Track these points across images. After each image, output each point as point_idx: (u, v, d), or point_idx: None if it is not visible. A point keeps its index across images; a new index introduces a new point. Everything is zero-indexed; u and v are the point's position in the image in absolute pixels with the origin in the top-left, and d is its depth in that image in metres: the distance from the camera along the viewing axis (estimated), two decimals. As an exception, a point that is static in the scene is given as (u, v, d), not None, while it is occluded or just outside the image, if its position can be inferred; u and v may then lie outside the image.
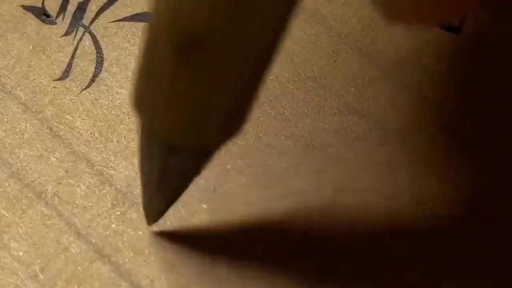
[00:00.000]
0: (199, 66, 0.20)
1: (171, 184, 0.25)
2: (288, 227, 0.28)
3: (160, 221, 0.27)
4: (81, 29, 0.32)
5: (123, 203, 0.28)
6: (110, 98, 0.30)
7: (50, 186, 0.29)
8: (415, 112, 0.30)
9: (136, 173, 0.29)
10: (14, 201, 0.28)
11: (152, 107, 0.22)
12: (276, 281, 0.27)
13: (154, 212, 0.27)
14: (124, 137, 0.29)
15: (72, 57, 0.31)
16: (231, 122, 0.22)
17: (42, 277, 0.27)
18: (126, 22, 0.32)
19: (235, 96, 0.21)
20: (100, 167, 0.29)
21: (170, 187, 0.25)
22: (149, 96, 0.22)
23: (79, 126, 0.30)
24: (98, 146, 0.29)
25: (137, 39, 0.31)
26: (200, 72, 0.20)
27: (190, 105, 0.21)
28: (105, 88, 0.30)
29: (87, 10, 0.32)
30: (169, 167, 0.24)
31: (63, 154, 0.29)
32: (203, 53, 0.20)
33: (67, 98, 0.30)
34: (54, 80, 0.31)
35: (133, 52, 0.31)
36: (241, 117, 0.23)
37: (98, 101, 0.30)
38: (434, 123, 0.30)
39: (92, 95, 0.30)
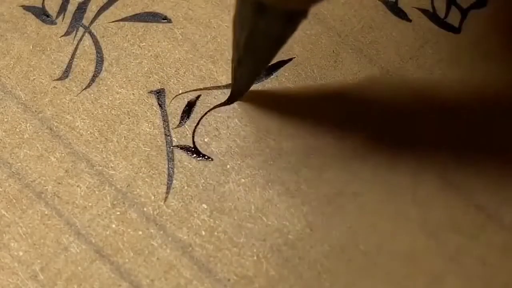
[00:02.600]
0: None
1: (258, 49, 0.26)
2: (288, 225, 0.28)
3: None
4: (81, 29, 0.32)
5: (123, 203, 0.28)
6: (110, 98, 0.30)
7: (50, 186, 0.28)
8: (415, 112, 0.30)
9: (136, 173, 0.29)
10: (14, 201, 0.28)
11: None
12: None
13: (241, 83, 0.28)
14: (124, 137, 0.29)
15: (72, 57, 0.31)
16: None
17: (42, 277, 0.27)
18: (126, 22, 0.32)
19: None
20: (100, 167, 0.29)
21: (257, 52, 0.26)
22: None
23: (79, 126, 0.30)
24: (98, 146, 0.29)
25: (137, 39, 0.31)
26: None
27: None
28: (105, 88, 0.30)
29: (87, 10, 0.32)
30: (257, 29, 0.25)
31: (63, 154, 0.29)
32: None
33: (67, 98, 0.30)
34: (54, 80, 0.31)
35: (133, 52, 0.31)
36: None
37: (98, 101, 0.30)
38: (434, 123, 0.30)
39: (92, 95, 0.30)
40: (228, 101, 0.30)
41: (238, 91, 0.29)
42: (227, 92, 0.30)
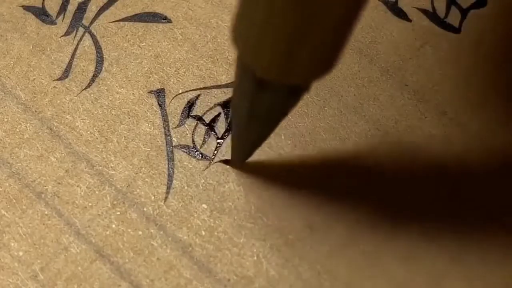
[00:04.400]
0: None
1: (259, 122, 0.26)
2: (288, 225, 0.28)
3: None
4: (81, 29, 0.32)
5: (123, 203, 0.28)
6: (110, 98, 0.30)
7: (50, 186, 0.29)
8: (415, 112, 0.30)
9: (136, 173, 0.29)
10: (14, 201, 0.28)
11: (246, 39, 0.22)
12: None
13: (241, 153, 0.28)
14: (124, 137, 0.29)
15: (72, 57, 0.31)
16: (320, 60, 0.22)
17: (42, 277, 0.27)
18: (126, 22, 0.32)
19: (328, 32, 0.21)
20: (100, 167, 0.29)
21: (257, 125, 0.26)
22: (244, 28, 0.22)
23: (79, 126, 0.30)
24: (98, 146, 0.29)
25: (137, 39, 0.31)
26: (293, 1, 0.20)
27: (281, 38, 0.21)
28: (105, 88, 0.30)
29: (87, 10, 0.32)
30: (258, 103, 0.24)
31: (63, 154, 0.29)
32: None
33: (67, 98, 0.30)
34: (54, 80, 0.31)
35: (133, 52, 0.31)
36: (332, 56, 0.22)
37: (98, 101, 0.30)
38: (434, 123, 0.30)
39: (92, 95, 0.30)
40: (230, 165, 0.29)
41: (239, 161, 0.29)
42: (227, 92, 0.30)
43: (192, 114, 0.30)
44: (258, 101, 0.24)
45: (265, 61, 0.22)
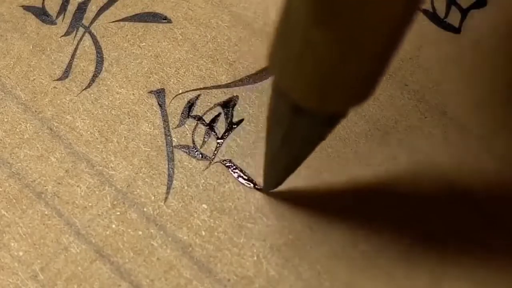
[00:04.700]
0: (332, 25, 0.20)
1: (293, 148, 0.25)
2: (288, 225, 0.28)
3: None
4: (81, 29, 0.32)
5: (123, 203, 0.28)
6: (110, 98, 0.30)
7: (50, 186, 0.29)
8: (415, 112, 0.30)
9: (136, 173, 0.29)
10: (14, 201, 0.28)
11: (283, 66, 0.22)
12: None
13: (273, 178, 0.27)
14: (124, 137, 0.29)
15: (72, 57, 0.31)
16: (359, 88, 0.22)
17: (42, 277, 0.27)
18: (126, 22, 0.32)
19: (365, 61, 0.21)
20: (100, 167, 0.29)
21: (293, 150, 0.26)
22: (281, 55, 0.22)
23: (79, 126, 0.30)
24: (98, 146, 0.29)
25: (137, 39, 0.31)
26: (331, 32, 0.20)
27: (318, 66, 0.21)
28: (105, 88, 0.30)
29: (87, 10, 0.32)
30: (293, 129, 0.24)
31: (63, 154, 0.29)
32: (337, 12, 0.20)
33: (67, 98, 0.30)
34: (54, 80, 0.31)
35: (133, 52, 0.31)
36: (369, 84, 0.22)
37: (98, 101, 0.30)
38: (434, 123, 0.30)
39: (92, 95, 0.30)
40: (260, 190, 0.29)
41: (272, 185, 0.28)
42: (227, 92, 0.30)
43: (192, 114, 0.30)
44: (294, 127, 0.24)
45: (302, 89, 0.22)
